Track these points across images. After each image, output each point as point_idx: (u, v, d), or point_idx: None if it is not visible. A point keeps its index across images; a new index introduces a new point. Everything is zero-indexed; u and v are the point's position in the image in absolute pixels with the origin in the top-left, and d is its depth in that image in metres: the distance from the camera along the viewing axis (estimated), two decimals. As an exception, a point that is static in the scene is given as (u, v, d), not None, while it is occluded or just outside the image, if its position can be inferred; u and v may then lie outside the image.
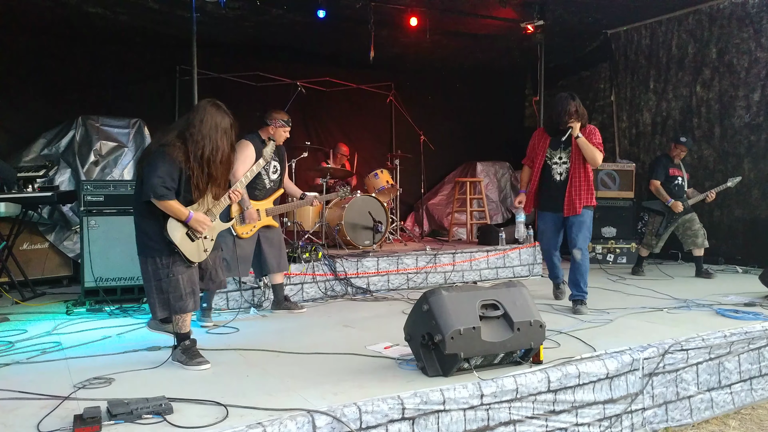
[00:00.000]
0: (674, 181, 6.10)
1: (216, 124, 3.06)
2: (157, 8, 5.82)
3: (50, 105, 6.45)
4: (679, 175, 6.13)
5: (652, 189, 6.12)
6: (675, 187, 6.09)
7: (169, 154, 2.98)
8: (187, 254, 3.09)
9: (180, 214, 3.05)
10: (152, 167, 2.98)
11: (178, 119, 3.45)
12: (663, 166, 6.12)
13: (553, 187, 4.48)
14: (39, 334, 3.86)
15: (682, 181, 6.14)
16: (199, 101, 3.21)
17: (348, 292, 5.33)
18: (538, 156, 4.54)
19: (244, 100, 7.18)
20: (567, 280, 4.65)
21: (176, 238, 3.05)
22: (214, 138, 3.04)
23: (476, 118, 9.25)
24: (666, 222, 6.06)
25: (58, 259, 5.86)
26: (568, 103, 4.26)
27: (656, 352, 3.26)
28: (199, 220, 3.11)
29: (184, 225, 3.08)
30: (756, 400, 3.71)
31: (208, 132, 3.03)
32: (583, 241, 4.43)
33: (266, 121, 4.41)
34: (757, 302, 4.55)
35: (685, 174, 6.19)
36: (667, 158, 6.19)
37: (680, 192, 6.09)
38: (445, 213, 8.59)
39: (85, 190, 4.83)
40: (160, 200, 2.98)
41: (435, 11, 6.29)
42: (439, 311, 2.79)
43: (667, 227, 6.08)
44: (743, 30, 6.59)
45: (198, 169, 3.03)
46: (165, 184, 2.96)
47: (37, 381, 2.83)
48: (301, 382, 2.80)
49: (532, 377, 2.83)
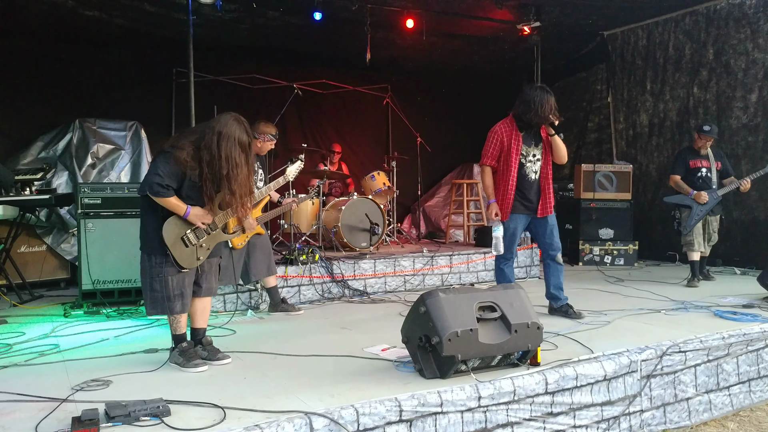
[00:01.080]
0: (697, 173, 5.71)
1: (234, 138, 3.01)
2: (153, 11, 5.83)
3: (47, 108, 6.45)
4: (704, 166, 5.72)
5: (672, 184, 5.85)
6: (699, 180, 5.69)
7: (175, 156, 2.98)
8: (178, 258, 3.07)
9: (178, 209, 3.05)
10: (155, 165, 3.03)
11: (196, 125, 3.43)
12: (682, 160, 5.79)
13: (527, 187, 4.20)
14: (37, 336, 3.85)
15: (707, 173, 5.71)
16: (222, 113, 3.14)
17: (345, 294, 5.33)
18: (511, 155, 4.15)
19: (240, 102, 7.17)
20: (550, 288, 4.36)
21: (170, 240, 3.05)
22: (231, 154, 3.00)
23: (473, 119, 9.24)
24: (695, 214, 5.62)
25: (56, 261, 5.86)
26: (551, 98, 4.05)
27: (654, 354, 3.27)
28: (198, 214, 3.10)
29: (183, 226, 3.08)
30: (754, 402, 3.71)
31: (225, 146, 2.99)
32: (559, 242, 4.31)
33: (254, 135, 4.37)
34: (756, 304, 4.55)
35: (715, 163, 5.74)
36: (688, 150, 5.84)
37: (706, 184, 5.68)
38: (442, 215, 8.60)
39: (82, 193, 4.82)
40: (156, 196, 2.99)
41: (431, 13, 6.31)
42: (437, 313, 2.79)
43: (699, 219, 5.65)
44: (740, 31, 6.61)
45: (210, 180, 3.02)
46: (163, 182, 2.97)
47: (35, 383, 2.82)
48: (298, 385, 2.79)
49: (529, 379, 2.83)
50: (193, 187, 3.06)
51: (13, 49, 6.34)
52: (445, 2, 6.16)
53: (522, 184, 4.20)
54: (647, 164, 7.76)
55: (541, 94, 4.06)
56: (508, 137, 4.17)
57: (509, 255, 4.34)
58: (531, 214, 4.27)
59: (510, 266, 4.41)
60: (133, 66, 7.00)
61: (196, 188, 3.07)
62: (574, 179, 7.51)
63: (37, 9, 5.65)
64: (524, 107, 4.10)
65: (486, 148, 4.24)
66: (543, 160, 4.25)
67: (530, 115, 4.08)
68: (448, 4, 6.20)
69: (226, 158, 2.99)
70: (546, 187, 4.24)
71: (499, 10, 6.26)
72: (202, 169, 3.01)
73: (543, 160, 4.25)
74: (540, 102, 4.04)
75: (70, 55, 6.69)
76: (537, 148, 4.23)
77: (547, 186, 4.24)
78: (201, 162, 3.00)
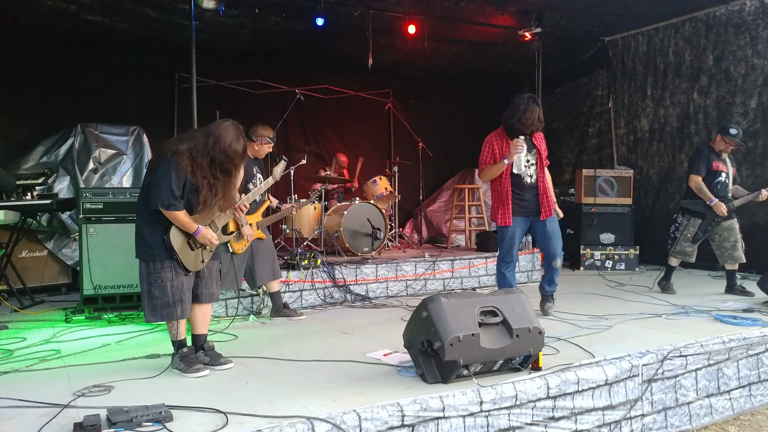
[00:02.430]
0: (717, 178, 5.18)
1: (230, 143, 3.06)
2: (155, 16, 5.85)
3: (49, 112, 6.47)
4: (724, 171, 5.21)
5: (692, 186, 5.20)
6: (717, 185, 5.19)
7: (177, 163, 3.00)
8: (184, 262, 3.12)
9: (189, 227, 3.08)
10: (162, 176, 3.00)
11: (194, 130, 3.47)
12: (705, 159, 5.18)
13: (523, 191, 4.31)
14: (38, 342, 3.86)
15: (726, 179, 5.23)
16: (220, 119, 3.22)
17: (347, 299, 5.33)
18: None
19: (242, 107, 7.20)
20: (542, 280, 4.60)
21: (177, 245, 3.08)
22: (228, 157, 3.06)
23: (474, 124, 9.26)
24: (705, 226, 5.17)
25: (57, 266, 5.86)
26: (537, 109, 4.21)
27: (655, 359, 3.27)
28: (207, 236, 3.15)
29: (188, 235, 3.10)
30: (755, 406, 3.71)
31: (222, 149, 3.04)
32: (561, 247, 4.40)
33: (251, 137, 4.39)
34: (756, 308, 4.56)
35: (731, 169, 5.29)
36: (710, 149, 5.26)
37: (723, 191, 5.20)
38: (443, 220, 8.61)
39: (84, 198, 4.83)
40: (167, 210, 3.01)
41: (433, 19, 6.33)
42: (438, 318, 2.79)
43: (706, 232, 5.22)
44: (740, 37, 6.63)
45: (207, 184, 3.05)
46: (174, 194, 2.99)
47: (37, 389, 2.82)
48: (300, 389, 2.80)
49: (531, 384, 2.83)
50: (192, 190, 3.09)
51: (16, 54, 6.37)
52: (446, 8, 6.18)
53: (518, 189, 4.31)
54: (648, 169, 7.78)
55: (527, 103, 4.19)
56: (500, 145, 4.31)
57: (509, 258, 4.42)
58: (530, 216, 4.36)
59: (511, 270, 4.46)
60: (135, 71, 7.02)
61: (194, 191, 3.10)
62: (575, 184, 7.52)
63: (40, 14, 5.67)
64: (509, 113, 4.25)
65: (481, 156, 4.40)
66: (538, 164, 4.35)
67: (512, 120, 4.22)
68: (449, 9, 6.22)
69: (222, 162, 3.04)
70: (545, 190, 4.34)
71: (501, 16, 6.28)
72: (201, 174, 3.03)
73: (538, 164, 4.35)
74: (524, 110, 4.17)
75: (73, 59, 6.71)
76: (530, 154, 4.32)
77: (543, 189, 4.34)
78: (199, 166, 3.03)
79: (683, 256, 5.41)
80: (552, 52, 7.21)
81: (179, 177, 3.00)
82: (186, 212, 3.07)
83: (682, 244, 5.36)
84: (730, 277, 5.41)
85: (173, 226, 3.07)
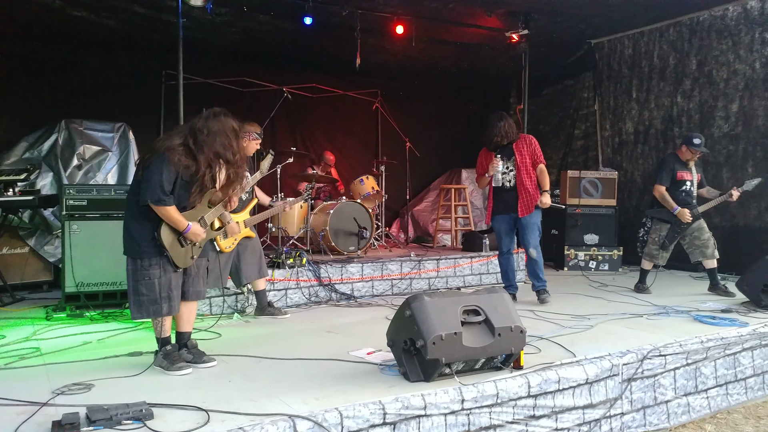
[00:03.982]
0: (681, 186, 5.39)
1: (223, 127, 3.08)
2: (143, 13, 5.81)
3: (34, 109, 6.38)
4: (688, 179, 5.40)
5: (657, 195, 5.44)
6: (682, 194, 5.38)
7: (170, 158, 2.98)
8: (175, 259, 3.11)
9: (178, 224, 3.06)
10: (153, 171, 2.98)
11: (182, 124, 3.45)
12: (670, 169, 5.39)
13: (505, 193, 5.05)
14: (17, 339, 3.82)
15: (691, 186, 5.42)
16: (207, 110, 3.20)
17: (332, 298, 5.34)
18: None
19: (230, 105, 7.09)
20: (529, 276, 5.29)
21: (167, 241, 3.06)
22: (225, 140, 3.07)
23: (461, 125, 9.33)
24: (672, 233, 5.39)
25: (39, 263, 5.79)
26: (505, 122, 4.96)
27: (635, 358, 3.32)
28: (196, 232, 3.14)
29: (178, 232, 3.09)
30: (731, 405, 3.78)
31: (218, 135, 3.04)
32: (536, 239, 5.05)
33: None
34: (734, 309, 4.64)
35: (696, 176, 5.47)
36: (674, 159, 5.46)
37: (688, 199, 5.40)
38: (430, 219, 8.64)
39: (67, 194, 4.78)
40: (157, 205, 2.99)
41: (421, 19, 6.35)
42: (421, 317, 2.81)
43: (674, 239, 5.42)
44: (722, 42, 6.73)
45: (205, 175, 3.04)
46: (164, 189, 2.97)
47: (15, 387, 2.79)
48: (283, 388, 2.80)
49: (512, 382, 2.86)
50: (183, 186, 3.07)
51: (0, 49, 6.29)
52: (435, 9, 6.20)
53: (499, 191, 5.09)
54: (632, 171, 7.87)
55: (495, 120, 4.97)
56: (485, 160, 5.12)
57: (501, 249, 5.23)
58: (511, 213, 5.05)
59: (506, 258, 5.23)
60: (122, 67, 6.95)
61: (186, 187, 3.09)
62: (560, 185, 7.59)
63: (26, 9, 5.61)
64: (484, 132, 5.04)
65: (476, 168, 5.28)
66: (517, 169, 5.00)
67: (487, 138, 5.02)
68: (437, 10, 6.24)
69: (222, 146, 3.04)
70: (522, 192, 4.98)
71: (489, 18, 6.32)
72: (197, 166, 3.02)
73: (517, 170, 5.00)
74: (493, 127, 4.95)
75: (59, 55, 6.63)
76: (509, 161, 5.04)
77: (523, 191, 4.98)
78: (194, 158, 3.01)
79: (652, 259, 5.58)
80: (539, 55, 7.26)
81: (170, 173, 2.98)
82: (176, 208, 3.06)
83: (650, 247, 5.59)
84: (711, 275, 5.54)
85: (164, 223, 3.05)
